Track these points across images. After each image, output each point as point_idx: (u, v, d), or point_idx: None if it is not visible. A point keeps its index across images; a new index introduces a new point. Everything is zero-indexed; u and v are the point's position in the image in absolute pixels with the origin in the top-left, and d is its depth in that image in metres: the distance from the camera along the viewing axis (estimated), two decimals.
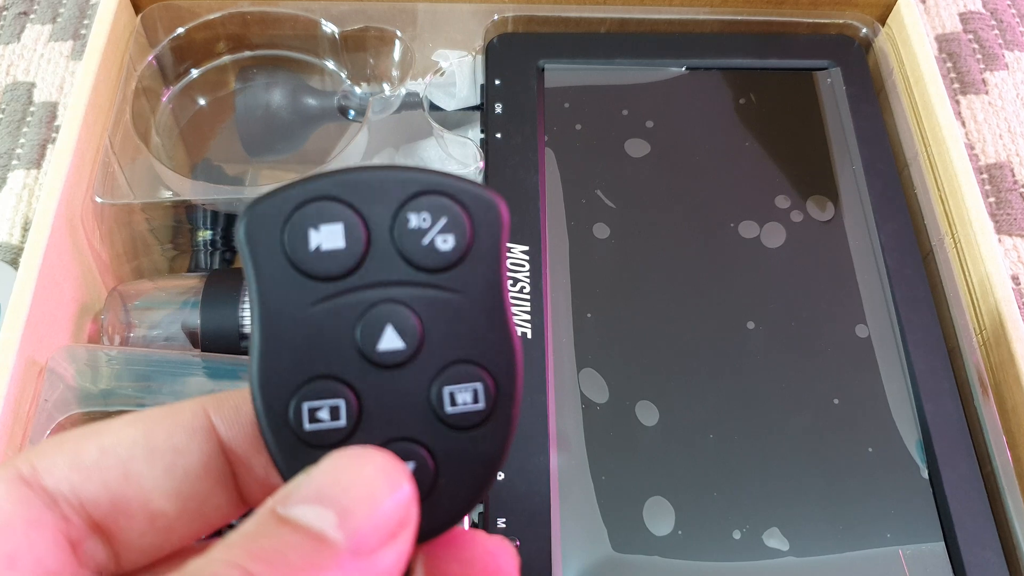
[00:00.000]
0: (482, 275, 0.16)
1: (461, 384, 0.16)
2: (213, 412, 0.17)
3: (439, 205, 0.16)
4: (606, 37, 0.42)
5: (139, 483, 0.16)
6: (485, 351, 0.16)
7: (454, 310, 0.16)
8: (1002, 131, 0.43)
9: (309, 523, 0.14)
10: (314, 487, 0.14)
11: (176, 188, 0.37)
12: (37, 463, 0.16)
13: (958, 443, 0.32)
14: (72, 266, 0.34)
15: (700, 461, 0.32)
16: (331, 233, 0.16)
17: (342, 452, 0.15)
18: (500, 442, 0.16)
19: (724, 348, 0.34)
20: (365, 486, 0.14)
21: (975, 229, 0.35)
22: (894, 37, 0.41)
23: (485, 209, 0.16)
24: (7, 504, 0.15)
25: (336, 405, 0.16)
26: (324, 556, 0.13)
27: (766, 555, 0.30)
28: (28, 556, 0.15)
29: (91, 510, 0.16)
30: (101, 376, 0.33)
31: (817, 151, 0.39)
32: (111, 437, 0.16)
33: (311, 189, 0.16)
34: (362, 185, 0.16)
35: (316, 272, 0.16)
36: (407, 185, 0.16)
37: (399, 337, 0.16)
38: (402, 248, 0.16)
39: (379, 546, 0.14)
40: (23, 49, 0.45)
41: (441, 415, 0.16)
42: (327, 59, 0.42)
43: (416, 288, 0.16)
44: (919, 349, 0.34)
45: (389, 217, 0.16)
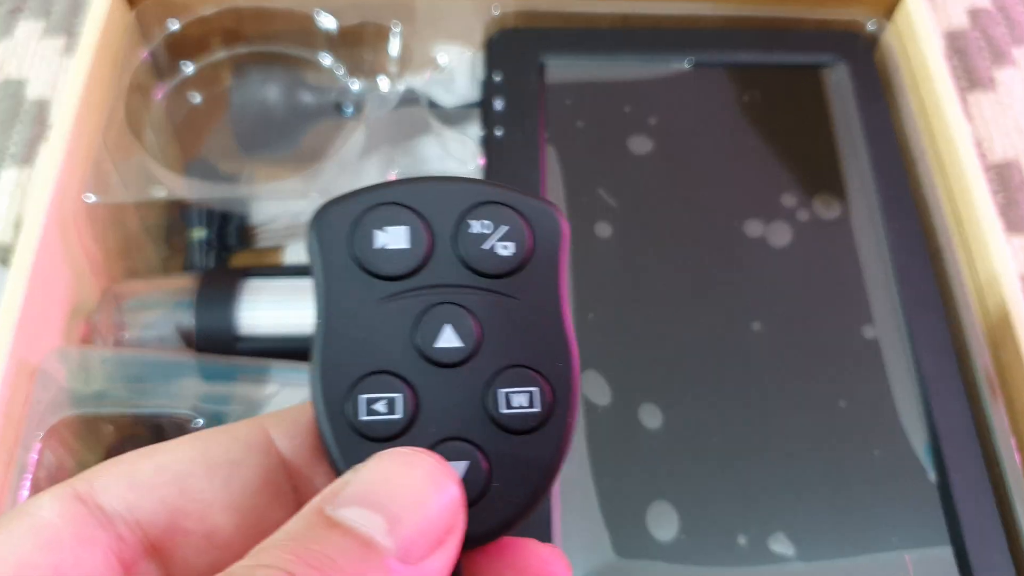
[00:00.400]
0: (541, 282, 0.17)
1: (517, 387, 0.17)
2: (271, 426, 0.17)
3: (500, 214, 0.17)
4: (608, 32, 0.41)
5: (197, 498, 0.16)
6: (542, 357, 0.17)
7: (512, 315, 0.17)
8: (1010, 129, 0.42)
9: (358, 527, 0.14)
10: (363, 488, 0.14)
11: (170, 186, 0.37)
12: (95, 481, 0.16)
13: (966, 446, 0.32)
14: (64, 266, 0.34)
15: (704, 465, 0.31)
16: (396, 235, 0.17)
17: (391, 453, 0.15)
18: (555, 449, 0.17)
19: (728, 350, 0.34)
20: (415, 491, 0.14)
21: (983, 228, 0.34)
22: (900, 33, 0.41)
23: (545, 219, 0.17)
24: (58, 520, 0.15)
25: (393, 399, 0.16)
26: (372, 563, 0.13)
27: (771, 560, 0.30)
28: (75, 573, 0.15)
29: (147, 529, 0.16)
30: (94, 377, 0.32)
31: (823, 148, 0.38)
32: (167, 455, 0.16)
33: (380, 194, 0.17)
34: (428, 193, 0.17)
35: (379, 271, 0.17)
36: (470, 195, 0.17)
37: (457, 337, 0.17)
38: (463, 253, 0.17)
39: (427, 553, 0.14)
40: (15, 45, 0.45)
41: (496, 417, 0.16)
42: (324, 55, 0.41)
43: (475, 292, 0.17)
44: (927, 350, 0.34)
45: (452, 223, 0.17)
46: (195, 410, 0.31)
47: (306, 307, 0.34)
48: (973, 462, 0.32)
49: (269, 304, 0.35)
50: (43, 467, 0.30)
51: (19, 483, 0.30)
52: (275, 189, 0.40)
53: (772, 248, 0.36)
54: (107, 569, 0.15)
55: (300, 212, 0.40)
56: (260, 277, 0.35)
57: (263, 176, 0.42)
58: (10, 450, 0.30)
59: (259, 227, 0.41)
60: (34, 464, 0.30)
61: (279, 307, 0.35)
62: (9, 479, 0.30)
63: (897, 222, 0.36)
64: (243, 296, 0.34)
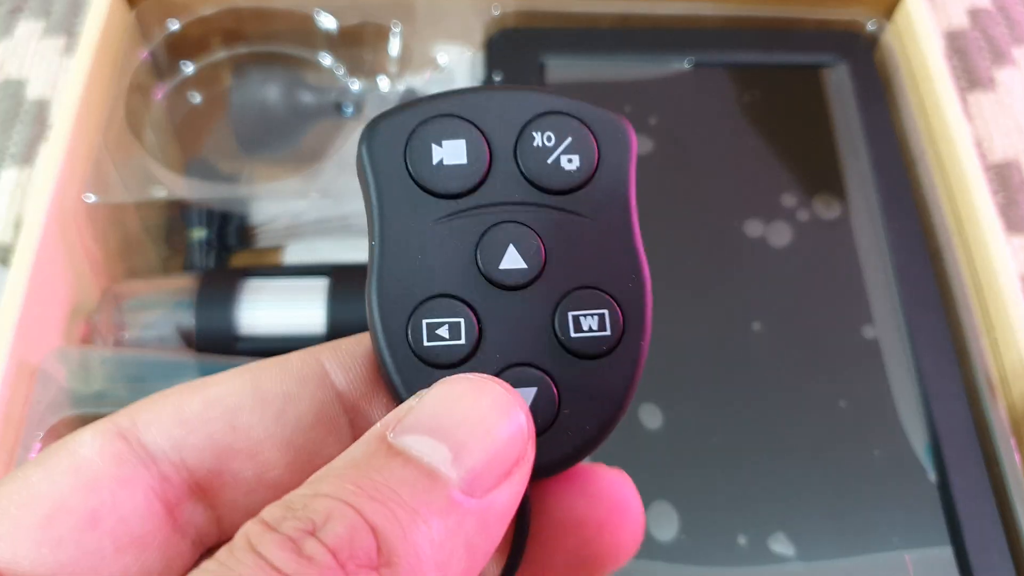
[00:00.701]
0: (609, 197, 0.16)
1: (586, 310, 0.16)
2: (326, 357, 0.16)
3: (564, 125, 0.16)
4: (608, 32, 0.41)
5: (247, 433, 0.15)
6: (612, 277, 0.16)
7: (579, 233, 0.16)
8: (1010, 129, 0.42)
9: (422, 456, 0.13)
10: (427, 416, 0.13)
11: (170, 186, 0.37)
12: (138, 417, 0.15)
13: (966, 446, 0.32)
14: (64, 266, 0.34)
15: (704, 465, 0.31)
16: (454, 149, 0.16)
17: (457, 379, 0.14)
18: (628, 374, 0.16)
19: (729, 350, 0.34)
20: (481, 420, 0.13)
21: (983, 228, 0.34)
22: (900, 33, 0.40)
23: (612, 130, 0.16)
24: (97, 459, 0.14)
25: (456, 323, 0.15)
26: (436, 495, 0.13)
27: (771, 560, 0.30)
28: (112, 515, 0.14)
29: (194, 468, 0.15)
30: (94, 377, 0.32)
31: (823, 148, 0.38)
32: (217, 388, 0.16)
33: (434, 107, 0.16)
34: (486, 103, 0.16)
35: (437, 188, 0.16)
36: (530, 105, 0.16)
37: (521, 258, 0.16)
38: (525, 168, 0.16)
39: (493, 485, 0.13)
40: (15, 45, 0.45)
41: (564, 341, 0.16)
42: (324, 55, 0.41)
43: (539, 209, 0.16)
44: (927, 350, 0.34)
45: (512, 136, 0.16)
46: None
47: (306, 307, 0.35)
48: (973, 462, 0.32)
49: (269, 304, 0.35)
50: None
51: None
52: (275, 189, 0.40)
53: (772, 248, 0.36)
54: (148, 511, 0.15)
55: (300, 212, 0.40)
56: (260, 277, 0.35)
57: (263, 176, 0.42)
58: (10, 450, 0.30)
59: (259, 227, 0.41)
60: None
61: (279, 307, 0.35)
62: None
63: (897, 222, 0.36)
64: (243, 296, 0.34)
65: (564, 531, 0.16)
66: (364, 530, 0.12)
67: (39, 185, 0.33)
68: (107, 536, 0.14)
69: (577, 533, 0.16)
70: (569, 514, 0.16)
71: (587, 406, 0.15)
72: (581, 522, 0.16)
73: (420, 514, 0.12)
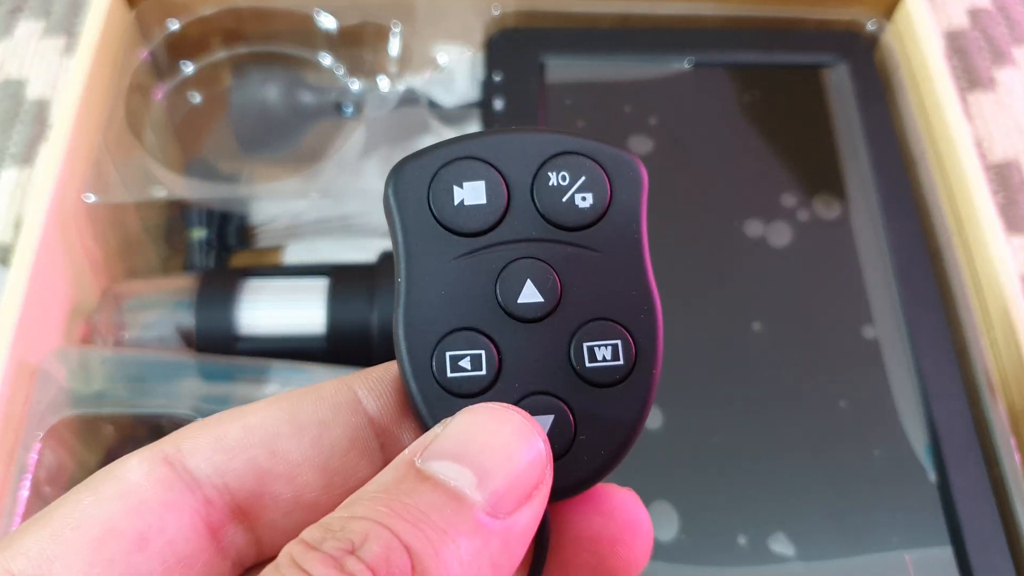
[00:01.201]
0: (621, 233, 0.17)
1: (600, 340, 0.17)
2: (358, 385, 0.17)
3: (578, 165, 0.17)
4: (608, 32, 0.41)
5: (286, 458, 0.16)
6: (624, 309, 0.17)
7: (593, 267, 0.17)
8: (1010, 129, 0.42)
9: (448, 481, 0.14)
10: (452, 442, 0.15)
11: (170, 186, 0.37)
12: (182, 444, 0.16)
13: (966, 446, 0.32)
14: (64, 266, 0.34)
15: (704, 465, 0.31)
16: (474, 190, 0.17)
17: (480, 408, 0.15)
18: (640, 402, 0.17)
19: (729, 350, 0.34)
20: (503, 446, 0.14)
21: (983, 228, 0.34)
22: (900, 33, 0.40)
23: (624, 168, 0.17)
24: (146, 484, 0.15)
25: (478, 355, 0.16)
26: (463, 516, 0.14)
27: (771, 560, 0.30)
28: (160, 538, 0.15)
29: (235, 491, 0.16)
30: (94, 378, 0.32)
31: (823, 148, 0.38)
32: (256, 416, 0.16)
33: (456, 149, 0.17)
34: (503, 146, 0.17)
35: (459, 227, 0.17)
36: (546, 146, 0.17)
37: (538, 292, 0.17)
38: (541, 206, 0.17)
39: (515, 507, 0.14)
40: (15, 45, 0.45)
41: (580, 370, 0.17)
42: (324, 55, 0.41)
43: (555, 245, 0.17)
44: (927, 350, 0.34)
45: (529, 176, 0.17)
46: (195, 410, 0.31)
47: (306, 307, 0.35)
48: (973, 462, 0.32)
49: (269, 304, 0.35)
50: (43, 467, 0.30)
51: (19, 483, 0.30)
52: (275, 189, 0.40)
53: (772, 248, 0.36)
54: (194, 534, 0.15)
55: (300, 212, 0.40)
56: (260, 277, 0.35)
57: (263, 176, 0.42)
58: (10, 450, 0.30)
59: (259, 227, 0.41)
60: (34, 464, 0.30)
61: (279, 307, 0.35)
62: (9, 479, 0.30)
63: (897, 222, 0.36)
64: (243, 296, 0.34)
65: (580, 547, 0.17)
66: (399, 549, 0.13)
67: (39, 185, 0.33)
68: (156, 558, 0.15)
69: (592, 549, 0.17)
70: (585, 532, 0.17)
71: (602, 432, 0.16)
72: (596, 539, 0.17)
73: (449, 534, 0.13)
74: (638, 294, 0.17)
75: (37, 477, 0.30)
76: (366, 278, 0.35)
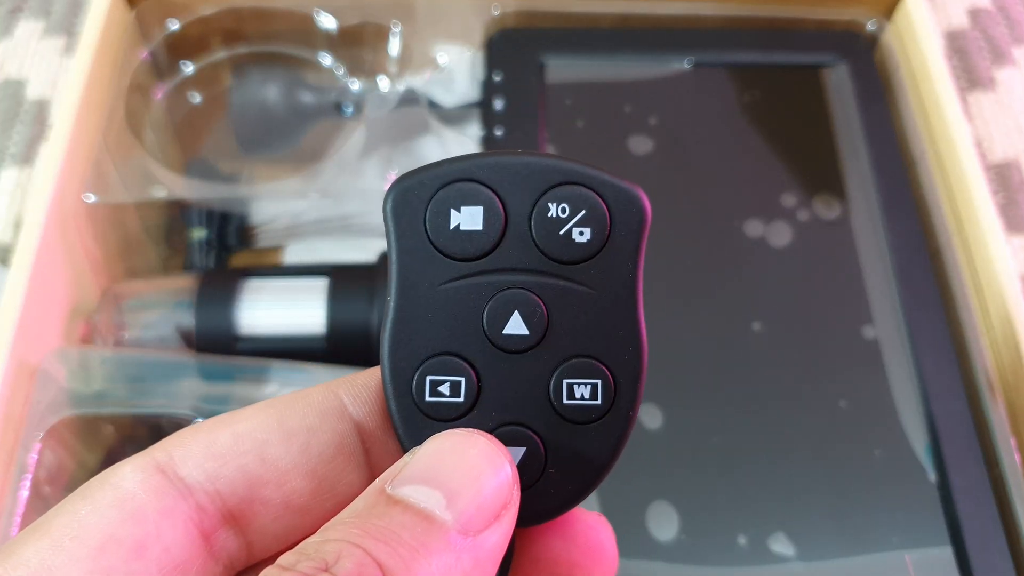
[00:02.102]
0: (615, 272, 0.17)
1: (581, 379, 0.17)
2: (344, 392, 0.18)
3: (579, 196, 0.17)
4: (608, 32, 0.41)
5: (275, 465, 0.17)
6: (609, 349, 0.17)
7: (582, 304, 0.17)
8: (1010, 129, 0.42)
9: (418, 503, 0.14)
10: (421, 468, 0.15)
11: (170, 186, 0.37)
12: (174, 452, 0.16)
13: (966, 446, 0.32)
14: (64, 266, 0.34)
15: (704, 465, 0.31)
16: (471, 215, 0.17)
17: (447, 434, 0.16)
18: (613, 442, 0.17)
19: (729, 350, 0.34)
20: (470, 469, 0.15)
21: (983, 228, 0.34)
22: (900, 33, 0.40)
23: (626, 204, 0.17)
24: (141, 492, 0.16)
25: (457, 382, 0.16)
26: (434, 535, 0.14)
27: (771, 560, 0.30)
28: (157, 545, 0.15)
29: (227, 497, 0.16)
30: (94, 378, 0.32)
31: (823, 148, 0.38)
32: (245, 424, 0.17)
33: (457, 170, 0.17)
34: (506, 170, 0.17)
35: (452, 252, 0.17)
36: (549, 174, 0.17)
37: (524, 324, 0.17)
38: (537, 237, 0.17)
39: (484, 527, 0.15)
40: (15, 45, 0.45)
41: (557, 406, 0.17)
42: (324, 55, 0.41)
43: (547, 277, 0.17)
44: (927, 350, 0.34)
45: (528, 204, 0.17)
46: (195, 410, 0.31)
47: (306, 307, 0.35)
48: (973, 462, 0.32)
49: (269, 304, 0.35)
50: (43, 467, 0.30)
51: (19, 483, 0.30)
52: (275, 189, 0.40)
53: (772, 248, 0.36)
54: (187, 540, 0.16)
55: (300, 212, 0.40)
56: (260, 277, 0.35)
57: (263, 176, 0.42)
58: (10, 450, 0.30)
59: (259, 227, 0.41)
60: (34, 464, 0.30)
61: (279, 307, 0.35)
62: (9, 479, 0.30)
63: (897, 222, 0.36)
64: (243, 296, 0.34)
65: (539, 569, 0.17)
66: (371, 566, 0.13)
67: (39, 185, 0.33)
68: (153, 565, 0.15)
69: (551, 571, 0.17)
70: (544, 554, 0.17)
71: (572, 467, 0.16)
72: (555, 561, 0.17)
73: (420, 552, 0.14)
74: (625, 335, 0.17)
75: (37, 477, 0.30)
76: (366, 278, 0.35)
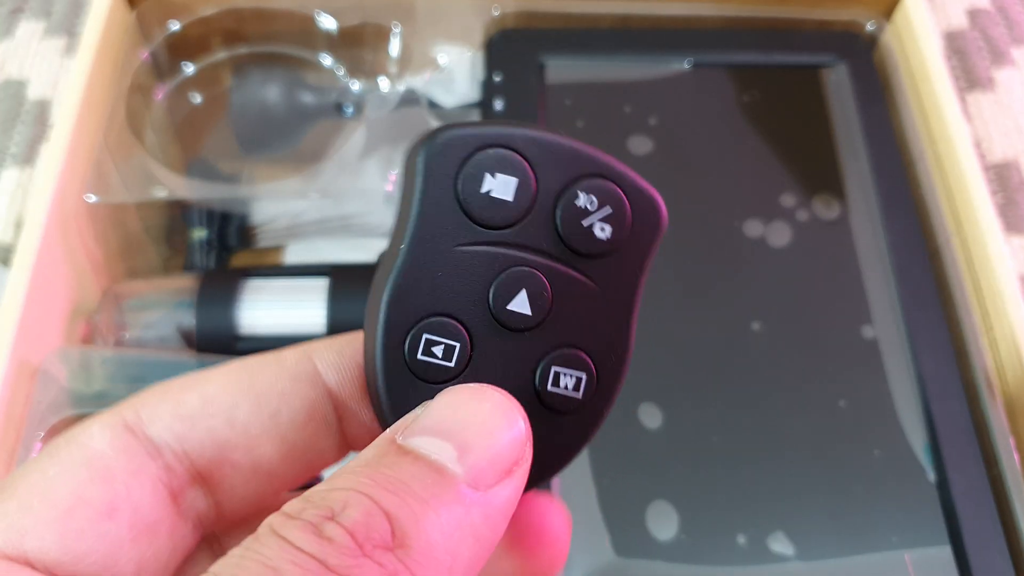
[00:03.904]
0: (623, 274, 0.17)
1: (568, 369, 0.17)
2: (318, 358, 0.17)
3: (608, 192, 0.17)
4: (608, 32, 0.41)
5: (244, 429, 0.16)
6: (600, 347, 0.17)
7: (585, 298, 0.17)
8: (1009, 129, 0.42)
9: (429, 454, 0.14)
10: (433, 420, 0.15)
11: (171, 186, 0.37)
12: (142, 411, 0.16)
13: (965, 446, 0.32)
14: (65, 266, 0.34)
15: (704, 464, 0.31)
16: (504, 184, 0.16)
17: (461, 388, 0.15)
18: (581, 436, 0.17)
19: (728, 349, 0.34)
20: (483, 422, 0.15)
21: (982, 228, 0.34)
22: (900, 33, 0.41)
23: (648, 210, 0.17)
24: (110, 452, 0.15)
25: (452, 346, 0.16)
26: (444, 488, 0.14)
27: (771, 559, 0.30)
28: (127, 506, 0.15)
29: (195, 459, 0.16)
30: (95, 378, 0.32)
31: (823, 148, 0.38)
32: (214, 386, 0.16)
33: (500, 135, 0.16)
34: (546, 148, 0.17)
35: (477, 216, 0.16)
36: (585, 163, 0.17)
37: (528, 304, 0.17)
38: (560, 222, 0.17)
39: (495, 482, 0.14)
40: (16, 46, 0.45)
41: (540, 390, 0.17)
42: (324, 55, 0.41)
43: (559, 264, 0.17)
44: (926, 350, 0.34)
45: (559, 187, 0.17)
46: None
47: (307, 307, 0.35)
48: (972, 462, 0.32)
49: (269, 304, 0.35)
50: None
51: None
52: (275, 189, 0.40)
53: (772, 248, 0.36)
54: (156, 500, 0.15)
55: (300, 212, 0.40)
56: (260, 277, 0.35)
57: (263, 176, 0.42)
58: (10, 450, 0.30)
59: (259, 227, 0.41)
60: None
61: (279, 307, 0.35)
62: None
63: (897, 222, 0.36)
64: (243, 296, 0.34)
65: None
66: (379, 515, 0.13)
67: (40, 185, 0.33)
68: (124, 525, 0.15)
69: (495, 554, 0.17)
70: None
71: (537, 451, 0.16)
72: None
73: (430, 504, 0.13)
74: (616, 338, 0.17)
75: None
76: (366, 278, 0.35)
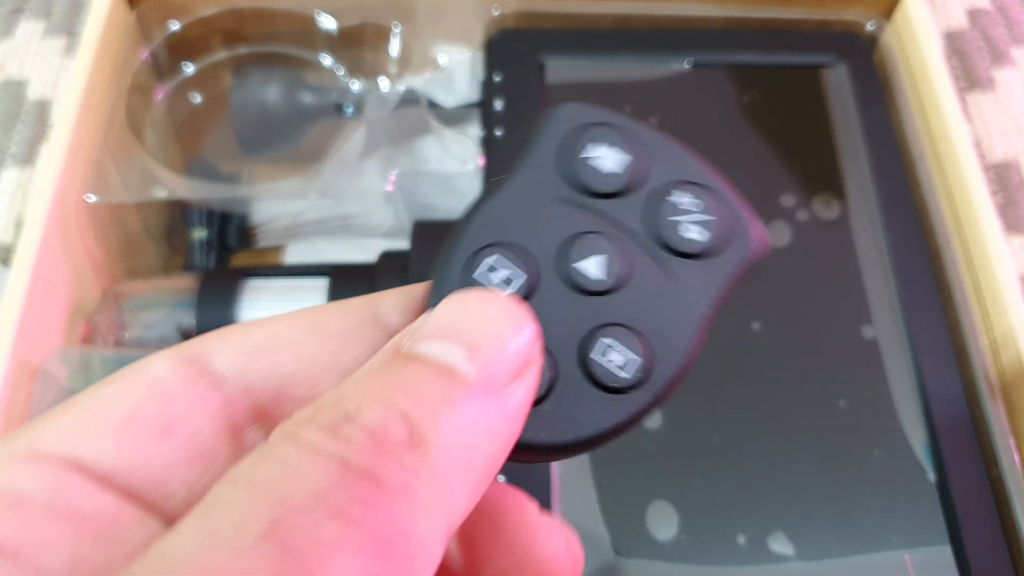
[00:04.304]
0: (705, 281, 0.17)
1: (622, 344, 0.16)
2: (383, 301, 0.17)
3: (713, 203, 0.17)
4: (608, 32, 0.41)
5: (309, 364, 0.16)
6: (661, 337, 0.16)
7: (660, 289, 0.16)
8: (1009, 129, 0.42)
9: (437, 357, 0.14)
10: (439, 324, 0.14)
11: (171, 186, 0.37)
12: (207, 345, 0.16)
13: (965, 446, 0.32)
14: (65, 266, 0.34)
15: (704, 464, 0.31)
16: (618, 160, 0.17)
17: (465, 291, 0.15)
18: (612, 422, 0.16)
19: (728, 349, 0.34)
20: (491, 323, 0.14)
21: (982, 228, 0.34)
22: (900, 33, 0.41)
23: (745, 232, 0.17)
24: (171, 378, 0.15)
25: (512, 277, 0.16)
26: (457, 389, 0.13)
27: (771, 559, 0.30)
28: (184, 429, 0.15)
29: (258, 393, 0.16)
30: (95, 378, 0.32)
31: (823, 148, 0.38)
32: (279, 325, 0.16)
33: (631, 122, 0.17)
34: (668, 150, 0.17)
35: (581, 176, 0.17)
36: (696, 172, 0.17)
37: (601, 270, 0.16)
38: (656, 211, 0.17)
39: (507, 382, 0.14)
40: (16, 46, 0.45)
41: (584, 357, 0.16)
42: (324, 55, 0.41)
43: (641, 250, 0.17)
44: (926, 350, 0.34)
45: (666, 182, 0.17)
46: None
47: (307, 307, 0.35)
48: (972, 462, 0.32)
49: (269, 304, 0.35)
50: None
51: None
52: (275, 189, 0.40)
53: (772, 248, 0.36)
54: (215, 431, 0.15)
55: (300, 212, 0.40)
56: (260, 277, 0.35)
57: (263, 176, 0.42)
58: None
59: (259, 227, 0.41)
60: None
61: (279, 307, 0.35)
62: None
63: (897, 222, 0.36)
64: (243, 296, 0.34)
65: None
66: (396, 416, 0.13)
67: (40, 185, 0.33)
68: (180, 447, 0.15)
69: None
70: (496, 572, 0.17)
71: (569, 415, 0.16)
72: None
73: (445, 405, 0.13)
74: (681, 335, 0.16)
75: None
76: (366, 278, 0.35)
